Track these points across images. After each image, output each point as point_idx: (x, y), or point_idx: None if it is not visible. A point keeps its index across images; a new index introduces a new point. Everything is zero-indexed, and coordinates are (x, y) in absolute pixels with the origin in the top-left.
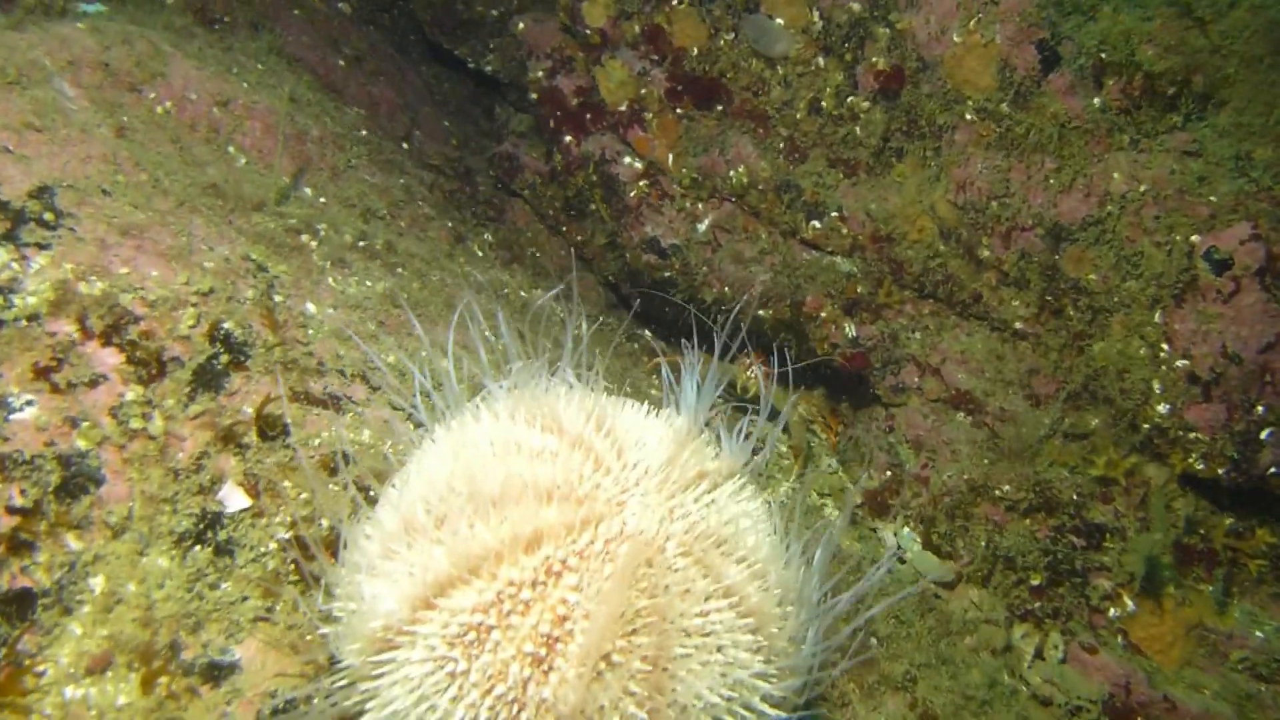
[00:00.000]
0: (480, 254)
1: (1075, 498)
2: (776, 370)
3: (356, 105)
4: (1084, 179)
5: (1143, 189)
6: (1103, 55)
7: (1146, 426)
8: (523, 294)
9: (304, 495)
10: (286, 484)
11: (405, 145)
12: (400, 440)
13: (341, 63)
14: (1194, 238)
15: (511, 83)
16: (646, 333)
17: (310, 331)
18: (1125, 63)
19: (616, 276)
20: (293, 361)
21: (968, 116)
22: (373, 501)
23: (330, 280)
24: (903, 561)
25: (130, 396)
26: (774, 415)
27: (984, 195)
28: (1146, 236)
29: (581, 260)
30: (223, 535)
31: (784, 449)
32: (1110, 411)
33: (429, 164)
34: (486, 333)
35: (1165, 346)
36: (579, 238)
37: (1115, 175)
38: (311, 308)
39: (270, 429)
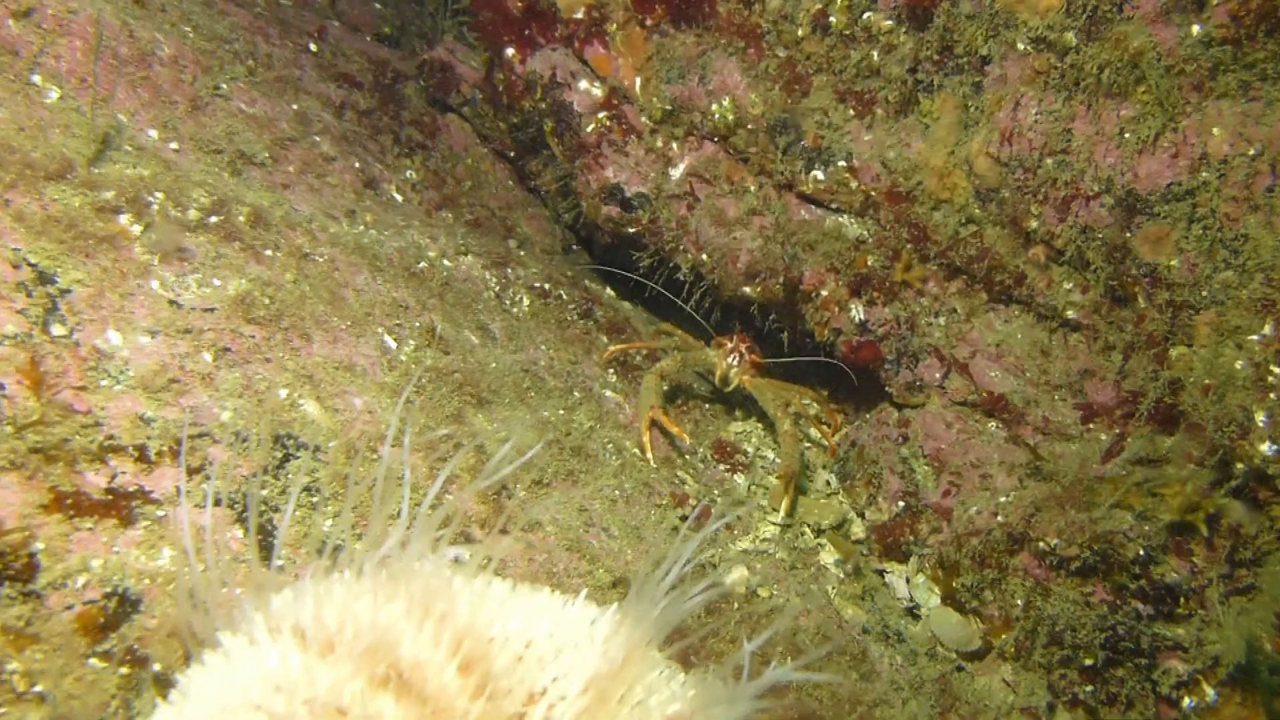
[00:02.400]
0: (400, 198)
1: (1141, 553)
2: (765, 358)
3: None
4: (1172, 135)
5: (1252, 152)
6: None
7: (1241, 467)
8: (446, 263)
9: (39, 688)
10: (15, 666)
11: (314, 47)
12: (216, 567)
13: None
14: None
15: None
16: (609, 291)
17: (104, 383)
18: None
19: (575, 220)
20: (60, 445)
21: (1020, 46)
22: (159, 684)
23: (156, 284)
24: (916, 617)
25: None
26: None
27: (1036, 149)
28: (1254, 215)
29: (534, 194)
30: None
31: (770, 455)
32: (1190, 439)
33: (342, 74)
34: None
35: (1276, 369)
36: (530, 167)
37: (1215, 131)
38: (115, 338)
39: (7, 568)
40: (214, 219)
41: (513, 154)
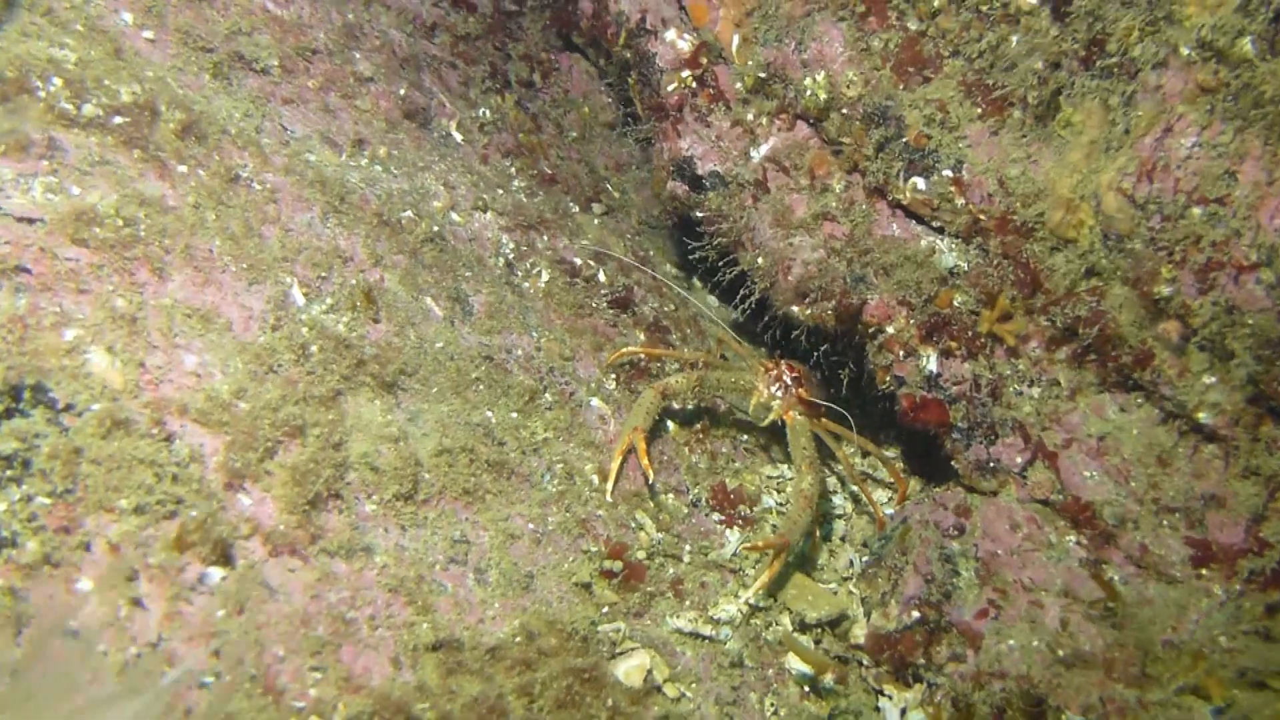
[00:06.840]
0: (459, 137)
1: None
2: (802, 391)
3: None
4: None
5: None
6: None
7: None
8: (455, 218)
9: None
10: None
11: None
12: None
13: None
14: None
15: None
16: (694, 282)
17: None
18: None
19: None
20: None
21: (1184, 51)
22: None
23: None
24: None
25: None
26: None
27: (1183, 192)
28: None
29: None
30: None
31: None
32: None
33: None
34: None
35: None
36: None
37: None
38: None
39: None
40: (119, 119)
41: (625, 105)
